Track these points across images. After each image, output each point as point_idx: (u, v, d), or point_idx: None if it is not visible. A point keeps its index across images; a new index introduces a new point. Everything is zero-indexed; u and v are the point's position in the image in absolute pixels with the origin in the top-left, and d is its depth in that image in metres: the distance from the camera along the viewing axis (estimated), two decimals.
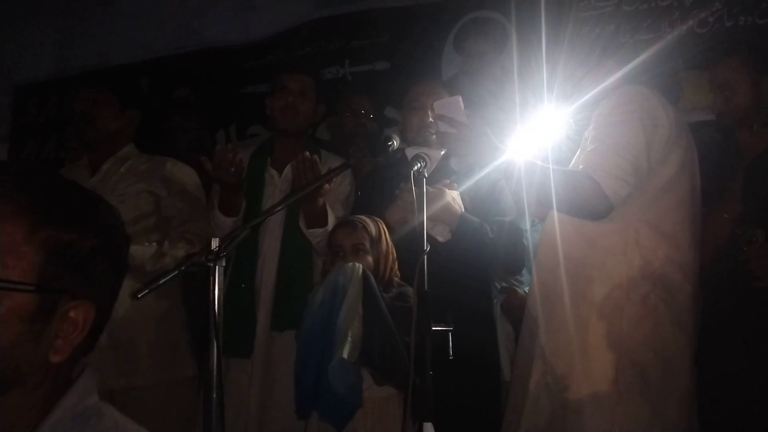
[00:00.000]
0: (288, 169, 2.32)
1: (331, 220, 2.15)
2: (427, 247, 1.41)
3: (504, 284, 2.28)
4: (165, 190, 2.21)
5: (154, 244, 2.12)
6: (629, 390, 1.57)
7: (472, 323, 1.75)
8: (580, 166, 1.69)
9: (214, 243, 1.39)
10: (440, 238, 1.91)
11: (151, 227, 2.17)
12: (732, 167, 2.08)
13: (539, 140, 1.90)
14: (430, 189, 1.77)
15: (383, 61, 3.82)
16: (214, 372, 1.35)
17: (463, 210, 1.92)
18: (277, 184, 2.33)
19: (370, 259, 1.94)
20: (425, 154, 1.70)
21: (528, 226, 2.03)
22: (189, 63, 4.31)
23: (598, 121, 1.74)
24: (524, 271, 2.23)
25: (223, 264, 1.38)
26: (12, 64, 4.92)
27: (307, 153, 2.05)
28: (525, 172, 1.65)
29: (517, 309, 2.13)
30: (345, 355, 1.63)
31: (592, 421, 1.57)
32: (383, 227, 2.02)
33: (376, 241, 1.97)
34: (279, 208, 1.58)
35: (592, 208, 1.63)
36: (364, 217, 2.02)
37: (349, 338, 1.66)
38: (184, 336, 2.25)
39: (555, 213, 1.79)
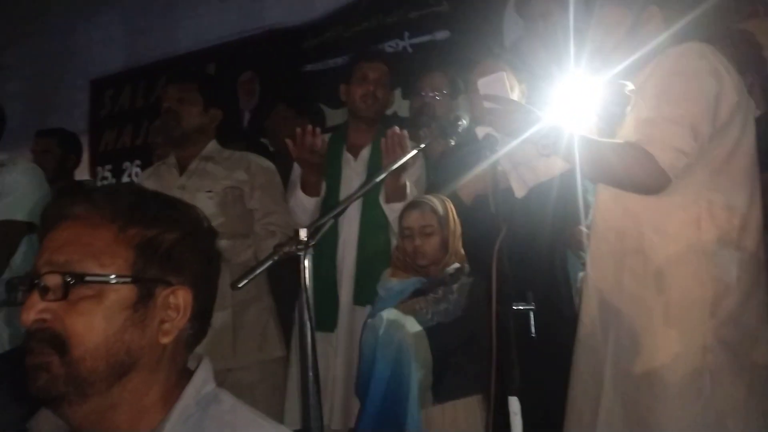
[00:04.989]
0: (365, 152, 2.44)
1: (410, 195, 2.24)
2: (504, 230, 1.43)
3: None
4: (248, 185, 2.32)
5: (240, 237, 2.24)
6: (721, 370, 1.50)
7: (548, 300, 1.74)
8: (633, 138, 1.56)
9: (303, 233, 1.45)
10: (519, 192, 1.89)
11: (237, 221, 2.27)
12: None
13: (588, 107, 1.77)
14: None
15: (443, 30, 3.78)
16: (309, 353, 1.43)
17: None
18: (353, 166, 2.44)
19: (437, 238, 2.02)
20: (495, 132, 1.71)
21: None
22: (252, 46, 4.41)
23: (651, 85, 1.61)
24: None
25: (311, 252, 1.45)
26: (87, 59, 5.13)
27: (397, 128, 2.15)
28: (576, 146, 1.55)
29: None
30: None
31: (686, 410, 1.50)
32: (450, 206, 2.08)
33: (444, 220, 2.04)
34: (368, 186, 1.65)
35: (648, 181, 1.52)
36: (431, 197, 2.08)
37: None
38: (273, 319, 2.36)
39: (605, 197, 1.71)
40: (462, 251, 2.09)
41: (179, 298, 0.90)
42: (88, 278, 0.85)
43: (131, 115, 5.04)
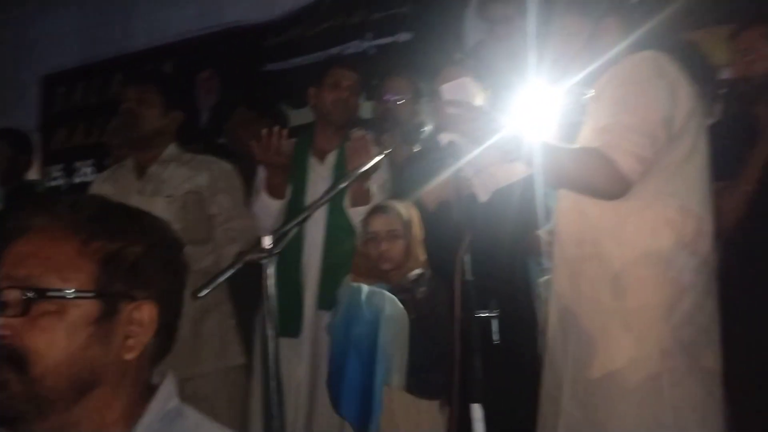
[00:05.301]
0: (331, 156, 2.44)
1: (374, 199, 2.25)
2: (468, 237, 1.45)
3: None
4: (209, 189, 2.28)
5: (201, 243, 2.21)
6: (678, 371, 1.53)
7: (509, 306, 1.76)
8: (593, 144, 1.58)
9: (266, 240, 1.44)
10: (482, 196, 1.92)
11: (197, 226, 2.24)
12: (748, 138, 2.06)
13: (548, 114, 1.79)
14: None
15: (406, 32, 3.79)
16: (272, 360, 1.42)
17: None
18: (318, 171, 2.44)
19: (402, 243, 2.04)
20: (459, 139, 1.72)
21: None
22: (211, 44, 4.34)
23: (608, 93, 1.64)
24: None
25: (275, 259, 1.45)
26: (38, 54, 4.97)
27: (361, 133, 2.19)
28: (537, 151, 1.56)
29: None
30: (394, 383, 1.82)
31: (645, 412, 1.52)
32: (414, 211, 2.10)
33: (408, 225, 2.05)
34: (333, 192, 1.65)
35: (608, 187, 1.54)
36: (395, 202, 2.09)
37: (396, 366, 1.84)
38: (233, 326, 2.34)
39: (565, 203, 1.73)
40: (422, 257, 2.11)
41: (144, 313, 0.88)
42: (49, 294, 0.82)
43: (84, 113, 4.89)
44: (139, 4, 4.68)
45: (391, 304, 1.96)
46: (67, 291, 0.83)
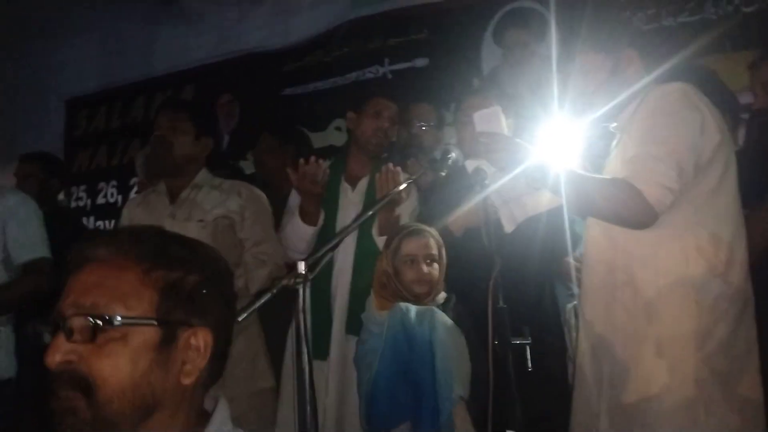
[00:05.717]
0: (362, 183, 2.45)
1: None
2: (498, 264, 1.47)
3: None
4: (239, 214, 2.31)
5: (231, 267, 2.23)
6: (713, 400, 1.54)
7: (539, 333, 1.75)
8: (620, 176, 1.61)
9: (301, 266, 1.47)
10: (508, 227, 1.93)
11: (228, 250, 2.24)
12: None
13: (574, 145, 1.81)
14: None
15: (422, 57, 3.85)
16: (308, 386, 1.44)
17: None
18: (350, 197, 2.45)
19: (437, 267, 2.03)
20: (486, 166, 1.76)
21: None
22: (231, 69, 4.43)
23: (636, 124, 1.67)
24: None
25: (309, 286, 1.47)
26: (61, 80, 5.08)
27: (391, 165, 2.19)
28: (565, 180, 1.59)
29: None
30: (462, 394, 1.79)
31: None
32: (439, 237, 2.11)
33: (441, 249, 2.06)
34: (362, 219, 1.68)
35: (636, 217, 1.57)
36: (427, 227, 2.10)
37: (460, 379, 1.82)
38: (262, 348, 2.35)
39: (595, 231, 1.75)
40: (442, 282, 2.11)
41: (200, 340, 0.92)
42: (116, 321, 0.86)
43: (106, 136, 5.00)
44: (160, 31, 4.79)
45: (443, 318, 1.94)
46: (132, 319, 0.87)
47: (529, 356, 1.44)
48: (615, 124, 1.79)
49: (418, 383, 1.85)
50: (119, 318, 0.86)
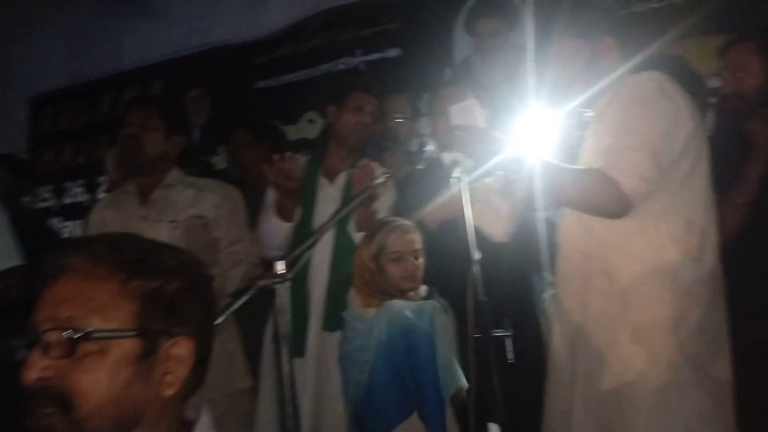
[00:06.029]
0: (341, 177, 2.42)
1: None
2: (478, 255, 1.47)
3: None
4: (213, 213, 2.28)
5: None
6: (687, 384, 1.56)
7: (517, 324, 1.77)
8: (596, 165, 1.62)
9: (280, 266, 1.45)
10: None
11: (202, 251, 2.20)
12: (741, 152, 2.11)
13: (549, 135, 1.80)
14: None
15: (395, 48, 3.83)
16: (288, 385, 1.43)
17: None
18: (328, 191, 2.42)
19: (422, 261, 2.03)
20: (461, 158, 1.75)
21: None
22: (201, 63, 4.35)
23: (610, 114, 1.67)
24: None
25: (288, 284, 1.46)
26: (26, 77, 4.95)
27: (367, 160, 2.18)
28: (540, 171, 1.60)
29: None
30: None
31: (656, 425, 1.55)
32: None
33: (423, 244, 2.05)
34: (339, 216, 1.66)
35: (612, 207, 1.58)
36: (408, 221, 2.08)
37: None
38: (239, 349, 2.33)
39: (569, 220, 1.76)
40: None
41: (182, 349, 0.89)
42: (94, 335, 0.83)
43: (72, 133, 4.89)
44: (127, 24, 4.67)
45: (440, 311, 1.92)
46: (111, 331, 0.84)
47: (509, 348, 1.45)
48: (591, 113, 1.80)
49: (421, 379, 1.83)
50: (97, 331, 0.83)
